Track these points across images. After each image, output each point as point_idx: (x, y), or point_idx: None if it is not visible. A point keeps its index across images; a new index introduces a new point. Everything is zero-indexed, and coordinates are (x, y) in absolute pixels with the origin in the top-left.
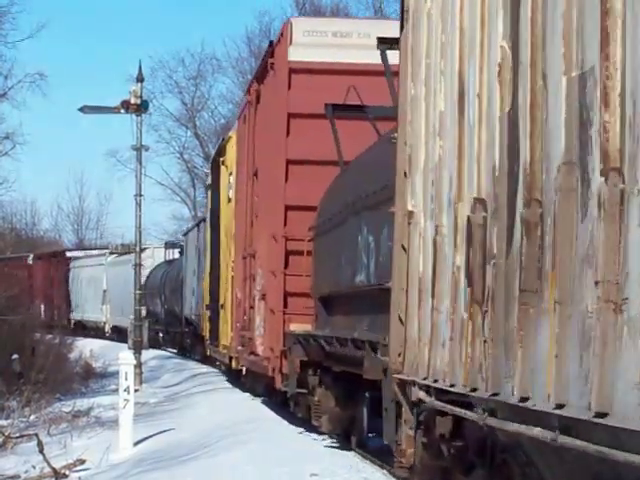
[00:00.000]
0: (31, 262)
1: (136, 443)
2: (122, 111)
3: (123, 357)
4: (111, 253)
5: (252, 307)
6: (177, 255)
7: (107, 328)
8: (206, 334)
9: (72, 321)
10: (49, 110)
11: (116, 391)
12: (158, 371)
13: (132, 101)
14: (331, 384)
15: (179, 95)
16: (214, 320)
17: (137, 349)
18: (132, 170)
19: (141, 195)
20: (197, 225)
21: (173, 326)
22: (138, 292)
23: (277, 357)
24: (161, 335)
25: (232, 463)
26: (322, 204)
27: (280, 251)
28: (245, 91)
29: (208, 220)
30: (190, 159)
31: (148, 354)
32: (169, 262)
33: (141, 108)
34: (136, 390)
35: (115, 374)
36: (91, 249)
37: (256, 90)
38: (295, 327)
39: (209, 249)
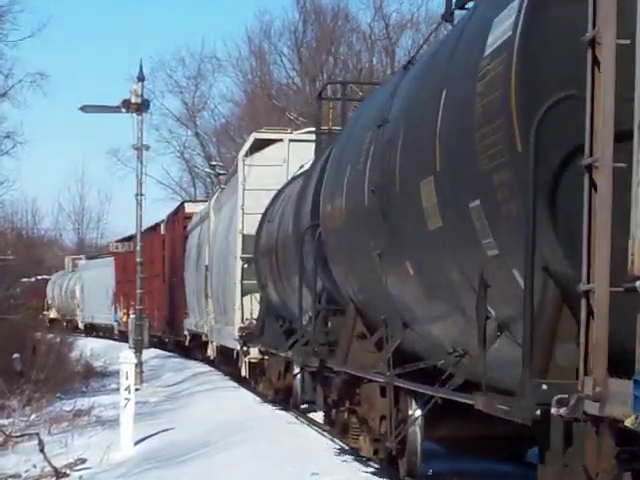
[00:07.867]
0: (163, 232)
1: (137, 442)
2: (123, 110)
3: (124, 356)
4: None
5: None
6: None
7: (210, 350)
8: None
9: (187, 336)
10: (50, 109)
11: (117, 390)
12: (159, 370)
13: (133, 100)
14: None
15: (179, 94)
16: None
17: (138, 348)
18: (133, 169)
19: (142, 194)
20: None
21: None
22: (139, 291)
23: None
24: (300, 379)
25: (233, 462)
26: None
27: None
28: None
29: None
30: (191, 158)
31: (149, 353)
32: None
33: (142, 107)
34: (137, 389)
35: (116, 373)
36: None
37: None
38: None
39: None
